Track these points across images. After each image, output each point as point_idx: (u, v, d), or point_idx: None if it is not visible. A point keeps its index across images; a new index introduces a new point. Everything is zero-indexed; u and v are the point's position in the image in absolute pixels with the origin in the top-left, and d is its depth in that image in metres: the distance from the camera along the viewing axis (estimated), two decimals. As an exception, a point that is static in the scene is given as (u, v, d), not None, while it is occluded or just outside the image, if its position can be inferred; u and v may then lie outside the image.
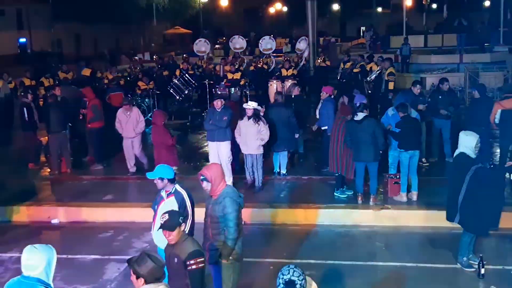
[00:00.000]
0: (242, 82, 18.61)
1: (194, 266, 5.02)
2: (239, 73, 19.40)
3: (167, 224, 5.07)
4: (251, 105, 10.50)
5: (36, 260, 4.18)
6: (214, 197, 6.04)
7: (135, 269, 4.11)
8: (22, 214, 10.42)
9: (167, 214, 5.16)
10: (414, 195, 9.99)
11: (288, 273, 4.02)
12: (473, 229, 7.67)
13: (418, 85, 11.98)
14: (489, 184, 7.47)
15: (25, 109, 12.64)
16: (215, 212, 5.96)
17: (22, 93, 13.63)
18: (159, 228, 5.16)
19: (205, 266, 5.20)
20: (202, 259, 5.10)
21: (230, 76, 19.08)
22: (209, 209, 6.09)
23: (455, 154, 7.78)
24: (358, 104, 10.28)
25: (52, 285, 4.27)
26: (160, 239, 5.70)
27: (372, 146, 9.50)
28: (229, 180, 9.96)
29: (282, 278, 4.00)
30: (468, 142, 7.51)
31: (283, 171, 11.66)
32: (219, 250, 6.00)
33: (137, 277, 4.14)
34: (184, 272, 5.05)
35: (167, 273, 4.99)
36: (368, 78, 17.69)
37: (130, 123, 11.81)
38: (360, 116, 9.51)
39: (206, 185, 6.05)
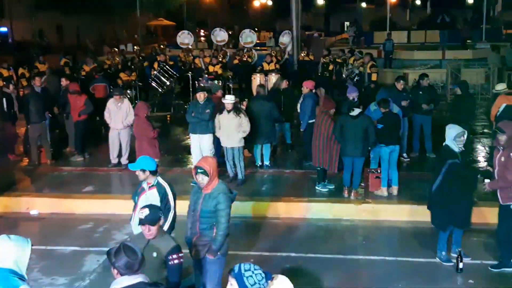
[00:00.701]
0: (220, 72, 18.53)
1: (176, 261, 5.03)
2: (219, 65, 19.34)
3: (148, 218, 5.03)
4: (229, 99, 10.45)
5: (8, 250, 4.10)
6: (206, 191, 5.93)
7: (112, 261, 4.08)
8: (1, 204, 10.30)
9: (147, 209, 5.11)
10: (394, 190, 10.05)
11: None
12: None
13: (401, 81, 12.04)
14: (460, 180, 7.55)
15: (4, 99, 12.47)
16: (207, 207, 5.89)
17: (4, 83, 13.45)
18: (140, 223, 5.11)
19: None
20: (182, 254, 5.14)
21: (211, 69, 19.02)
22: (199, 203, 5.99)
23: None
24: (351, 97, 10.30)
25: (26, 276, 4.20)
26: (140, 230, 5.65)
27: (362, 142, 9.51)
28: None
29: (259, 271, 3.88)
30: (449, 134, 7.58)
31: (266, 162, 11.69)
32: (207, 245, 5.95)
33: (116, 271, 4.11)
34: (160, 266, 5.03)
35: None
36: (346, 75, 17.74)
37: (119, 114, 11.70)
38: (356, 111, 9.49)
39: (202, 179, 5.89)
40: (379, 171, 10.24)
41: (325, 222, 9.53)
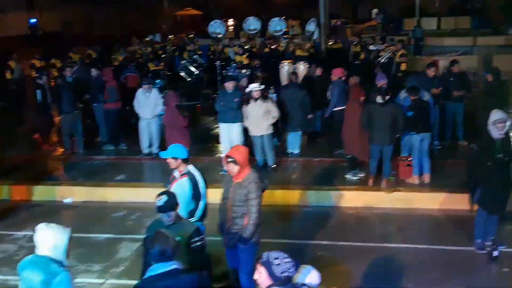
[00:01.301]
0: (246, 62, 18.49)
1: (199, 243, 5.11)
2: (245, 55, 19.31)
3: (167, 204, 5.08)
4: (255, 87, 10.46)
5: (47, 238, 4.22)
6: (237, 180, 5.96)
7: (147, 248, 4.15)
8: (36, 193, 10.51)
9: (164, 195, 5.15)
10: (426, 178, 9.95)
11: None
12: (486, 206, 7.63)
13: (432, 67, 11.87)
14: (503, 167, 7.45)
15: (39, 90, 12.67)
16: (238, 196, 5.92)
17: (37, 75, 13.66)
18: (159, 211, 5.13)
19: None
20: (203, 235, 5.26)
21: (238, 58, 18.99)
22: (230, 192, 6.03)
23: None
24: (379, 85, 10.22)
25: (66, 263, 4.30)
26: None
27: (390, 129, 9.44)
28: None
29: (288, 259, 3.87)
30: (490, 118, 7.44)
31: (296, 151, 11.68)
32: (238, 234, 5.98)
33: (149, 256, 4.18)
34: (185, 250, 5.07)
35: None
36: (379, 60, 17.56)
37: (148, 104, 11.80)
38: (384, 99, 9.42)
39: (232, 168, 5.94)
40: (410, 159, 10.15)
41: (355, 210, 9.50)
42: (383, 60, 16.87)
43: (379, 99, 9.43)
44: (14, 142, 13.52)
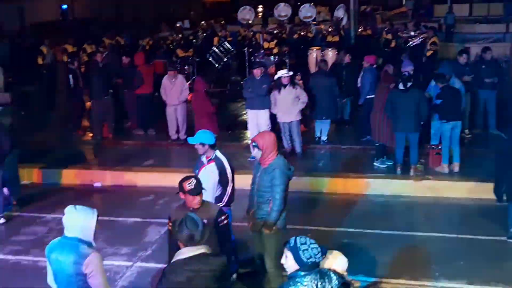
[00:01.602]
0: (276, 51, 18.42)
1: (225, 221, 5.30)
2: (274, 42, 19.21)
3: (198, 188, 5.18)
4: (284, 73, 10.42)
5: (76, 220, 4.29)
6: (263, 166, 5.96)
7: (175, 232, 4.17)
8: (66, 177, 10.69)
9: (195, 180, 5.21)
10: (456, 166, 9.82)
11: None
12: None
13: (464, 54, 11.70)
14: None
15: (70, 75, 12.82)
16: (263, 181, 5.93)
17: (69, 60, 13.81)
18: (191, 194, 5.20)
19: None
20: (227, 214, 5.43)
21: (266, 45, 18.90)
22: (257, 177, 6.05)
23: None
24: (405, 72, 10.11)
25: (94, 243, 4.36)
26: None
27: (414, 116, 9.34)
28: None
29: (315, 245, 3.85)
30: None
31: (324, 138, 11.64)
32: (263, 219, 6.00)
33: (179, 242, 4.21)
34: (212, 230, 5.10)
35: None
36: (409, 45, 17.37)
37: (174, 90, 11.87)
38: (407, 85, 9.32)
39: (256, 153, 5.98)
40: (439, 147, 10.03)
41: (383, 198, 9.44)
42: (413, 44, 16.65)
43: (401, 86, 9.34)
44: (45, 126, 13.73)
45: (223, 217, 5.30)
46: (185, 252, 4.10)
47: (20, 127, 11.00)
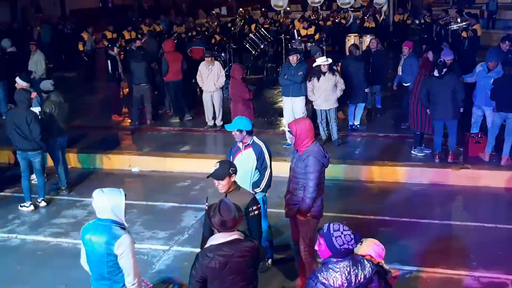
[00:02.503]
0: (317, 37, 18.31)
1: (256, 212, 5.12)
2: (313, 28, 19.07)
3: (215, 173, 5.09)
4: (323, 61, 10.35)
5: (104, 202, 4.35)
6: (299, 152, 5.95)
7: (209, 217, 4.20)
8: (105, 162, 10.88)
9: (218, 163, 5.18)
10: (504, 160, 9.45)
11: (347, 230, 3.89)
12: None
13: (507, 41, 11.39)
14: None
15: (109, 61, 13.00)
16: (298, 168, 5.92)
17: (109, 46, 13.99)
18: (208, 176, 5.18)
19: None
20: (260, 205, 5.27)
21: (303, 32, 18.78)
22: (293, 163, 6.06)
23: None
24: (441, 59, 9.91)
25: (126, 225, 4.44)
26: None
27: (451, 103, 9.17)
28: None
29: (348, 232, 3.84)
30: None
31: (357, 122, 11.60)
32: (298, 205, 6.02)
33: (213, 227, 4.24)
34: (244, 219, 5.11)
35: None
36: (448, 28, 17.07)
37: (211, 76, 11.92)
38: (441, 72, 9.16)
39: (290, 139, 6.03)
40: (480, 135, 9.86)
41: (421, 187, 9.34)
42: (452, 29, 16.35)
43: (436, 73, 9.18)
44: (84, 111, 13.99)
45: (254, 207, 5.12)
46: (218, 238, 4.14)
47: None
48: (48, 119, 9.03)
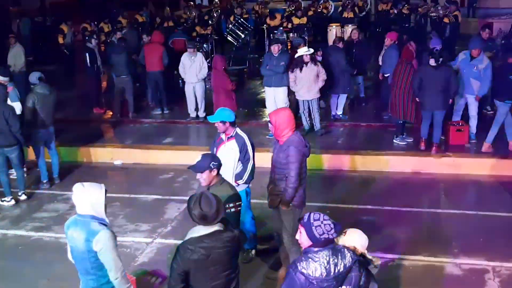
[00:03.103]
0: (304, 21, 18.20)
1: (233, 209, 5.04)
2: (305, 19, 19.06)
3: (195, 165, 5.05)
4: (305, 51, 10.34)
5: (84, 197, 4.28)
6: (280, 142, 5.96)
7: (189, 209, 4.15)
8: (87, 155, 10.79)
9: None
10: (485, 146, 9.53)
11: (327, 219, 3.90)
12: None
13: (487, 29, 11.51)
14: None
15: (87, 54, 12.87)
16: (279, 158, 5.92)
17: (86, 38, 13.85)
18: (188, 167, 5.14)
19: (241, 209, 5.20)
20: (240, 203, 5.14)
21: (296, 21, 18.74)
22: (274, 153, 6.06)
23: None
24: (434, 48, 9.95)
25: (107, 220, 4.37)
26: None
27: (443, 93, 9.20)
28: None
29: (328, 221, 3.85)
30: None
31: (339, 112, 11.63)
32: (280, 196, 6.01)
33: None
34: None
35: None
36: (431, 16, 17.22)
37: (193, 68, 11.85)
38: (437, 62, 9.16)
39: (270, 129, 6.03)
40: (461, 123, 9.94)
41: (403, 175, 9.40)
42: (433, 15, 16.49)
43: (432, 62, 9.18)
44: (65, 105, 13.83)
45: (231, 204, 5.01)
46: (199, 230, 4.10)
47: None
48: (29, 112, 8.93)
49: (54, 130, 9.51)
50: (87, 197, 4.29)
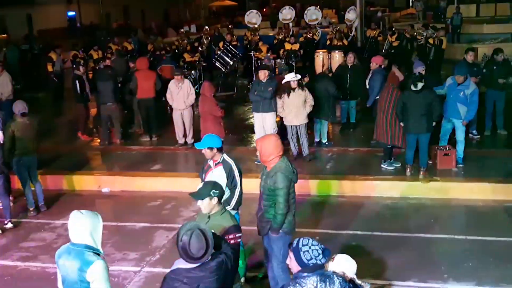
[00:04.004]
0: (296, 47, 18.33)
1: (232, 241, 4.95)
2: (298, 45, 19.23)
3: (196, 192, 5.04)
4: (292, 77, 10.43)
5: (82, 226, 4.22)
6: (267, 169, 5.95)
7: (177, 243, 4.08)
8: (74, 182, 10.72)
9: (202, 184, 5.13)
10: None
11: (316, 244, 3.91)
12: None
13: (470, 52, 11.73)
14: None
15: (77, 81, 12.88)
16: (267, 184, 5.90)
17: (74, 66, 13.87)
18: (189, 194, 5.12)
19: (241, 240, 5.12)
20: (240, 234, 5.05)
21: (288, 46, 18.88)
22: (262, 180, 6.05)
23: None
24: (416, 72, 10.06)
25: (101, 250, 4.33)
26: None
27: (426, 117, 9.28)
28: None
29: (317, 247, 3.86)
30: None
31: (324, 140, 11.67)
32: (270, 223, 5.98)
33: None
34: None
35: None
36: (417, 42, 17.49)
37: (181, 94, 11.89)
38: (419, 86, 9.27)
39: (257, 155, 6.05)
40: (448, 148, 10.00)
41: (391, 200, 9.41)
42: (420, 39, 16.75)
43: (413, 87, 9.29)
44: (52, 132, 13.80)
45: (230, 236, 4.91)
46: (186, 263, 4.03)
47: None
48: (8, 139, 8.93)
49: (36, 158, 9.47)
50: (85, 225, 4.23)
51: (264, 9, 43.96)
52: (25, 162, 9.25)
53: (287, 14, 24.88)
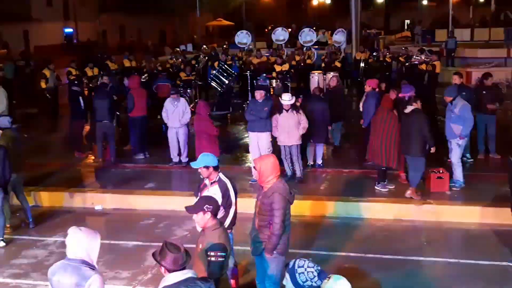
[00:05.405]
0: (287, 67, 18.47)
1: (213, 259, 4.96)
2: (287, 65, 19.36)
3: (190, 206, 5.11)
4: (287, 99, 10.48)
5: (81, 242, 4.24)
6: (264, 189, 5.96)
7: (159, 262, 4.13)
8: (67, 200, 10.68)
9: (199, 198, 5.18)
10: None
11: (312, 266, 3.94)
12: None
13: (457, 75, 11.94)
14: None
15: (80, 97, 12.91)
16: (263, 205, 5.91)
17: (76, 82, 13.91)
18: (185, 207, 5.17)
19: (225, 261, 5.06)
20: (223, 254, 5.00)
21: (278, 68, 19.03)
22: (258, 200, 6.05)
23: None
24: (407, 97, 10.15)
25: (97, 266, 4.34)
26: None
27: (415, 140, 9.34)
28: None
29: (312, 269, 3.89)
30: None
31: (319, 161, 11.70)
32: (264, 243, 5.98)
33: (164, 269, 4.17)
34: (206, 259, 5.04)
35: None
36: (409, 64, 17.67)
37: (176, 113, 11.92)
38: (408, 109, 9.36)
39: (255, 176, 6.07)
40: (441, 171, 10.04)
41: (385, 222, 9.41)
42: (415, 62, 16.97)
43: (405, 109, 9.40)
44: (46, 149, 13.78)
45: (212, 253, 4.93)
46: (171, 279, 4.06)
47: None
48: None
49: (22, 176, 9.41)
50: (84, 241, 4.25)
51: (266, 30, 44.29)
52: (13, 179, 9.05)
53: (279, 35, 25.12)
